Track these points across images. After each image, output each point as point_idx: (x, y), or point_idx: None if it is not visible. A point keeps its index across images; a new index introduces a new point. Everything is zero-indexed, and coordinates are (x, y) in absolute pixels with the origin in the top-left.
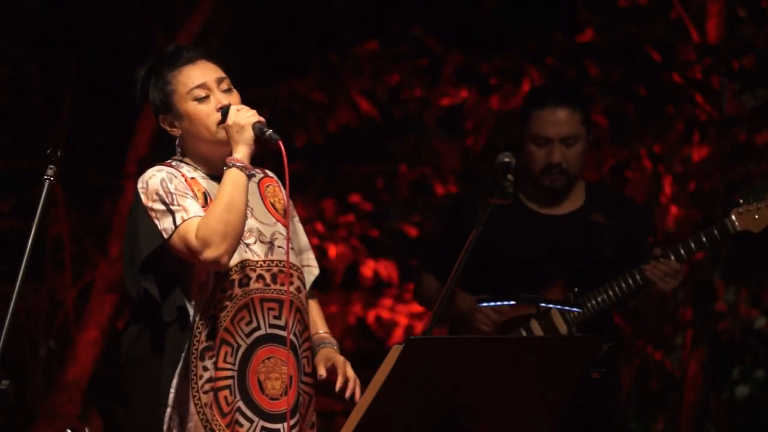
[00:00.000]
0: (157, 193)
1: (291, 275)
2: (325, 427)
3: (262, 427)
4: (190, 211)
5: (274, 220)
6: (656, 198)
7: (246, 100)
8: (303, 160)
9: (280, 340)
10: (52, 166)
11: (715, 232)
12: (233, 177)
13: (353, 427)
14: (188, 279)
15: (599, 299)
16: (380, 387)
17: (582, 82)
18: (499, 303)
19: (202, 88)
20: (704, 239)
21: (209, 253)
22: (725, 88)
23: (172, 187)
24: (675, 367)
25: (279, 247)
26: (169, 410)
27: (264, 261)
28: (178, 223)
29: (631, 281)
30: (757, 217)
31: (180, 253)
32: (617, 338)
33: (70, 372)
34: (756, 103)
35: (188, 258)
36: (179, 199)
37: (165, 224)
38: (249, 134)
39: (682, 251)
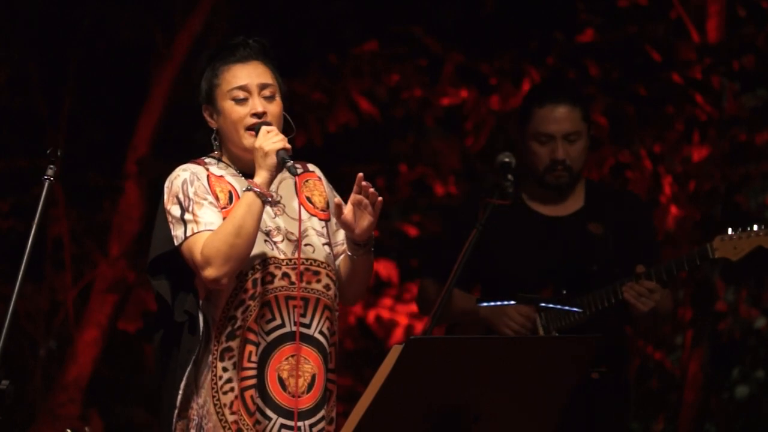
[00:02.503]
0: (177, 197)
1: (318, 272)
2: None
3: (281, 425)
4: (202, 224)
5: (308, 215)
6: (656, 198)
7: None
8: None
9: (304, 338)
10: (52, 166)
11: (696, 256)
12: (248, 201)
13: (353, 427)
14: (201, 282)
15: (571, 317)
16: (380, 387)
17: (582, 82)
18: (498, 303)
19: (243, 90)
20: (685, 263)
21: (209, 272)
22: (725, 88)
23: (191, 192)
24: (675, 367)
25: (307, 245)
26: (176, 411)
27: (290, 259)
28: (188, 234)
29: (613, 298)
30: (735, 247)
31: (187, 262)
32: (616, 350)
33: (70, 372)
34: (756, 103)
35: (193, 269)
36: (195, 207)
37: (177, 231)
38: (272, 161)
39: (663, 273)
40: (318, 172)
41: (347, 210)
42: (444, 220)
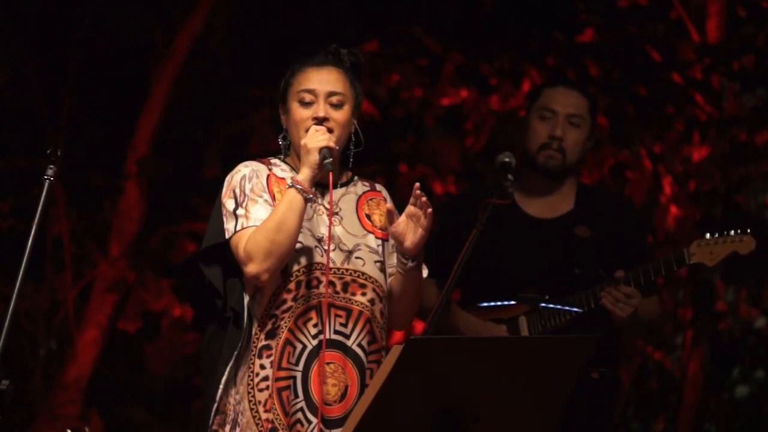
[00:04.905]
0: (234, 191)
1: (365, 285)
2: None
3: (320, 430)
4: (251, 219)
5: (364, 232)
6: (656, 198)
7: (245, 100)
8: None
9: (342, 347)
10: (52, 166)
11: (672, 261)
12: (290, 198)
13: (353, 426)
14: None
15: (562, 316)
16: (380, 387)
17: (582, 82)
18: (499, 303)
19: (309, 94)
20: (661, 267)
21: (250, 268)
22: (725, 88)
23: (248, 188)
24: (675, 367)
25: (357, 258)
26: (215, 405)
27: (338, 268)
28: (237, 228)
29: (593, 304)
30: (712, 252)
31: (234, 256)
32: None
33: (70, 372)
34: (756, 103)
35: (239, 263)
36: (249, 203)
37: (228, 225)
38: (314, 158)
39: (641, 278)
40: (384, 193)
41: (401, 220)
42: (439, 219)
